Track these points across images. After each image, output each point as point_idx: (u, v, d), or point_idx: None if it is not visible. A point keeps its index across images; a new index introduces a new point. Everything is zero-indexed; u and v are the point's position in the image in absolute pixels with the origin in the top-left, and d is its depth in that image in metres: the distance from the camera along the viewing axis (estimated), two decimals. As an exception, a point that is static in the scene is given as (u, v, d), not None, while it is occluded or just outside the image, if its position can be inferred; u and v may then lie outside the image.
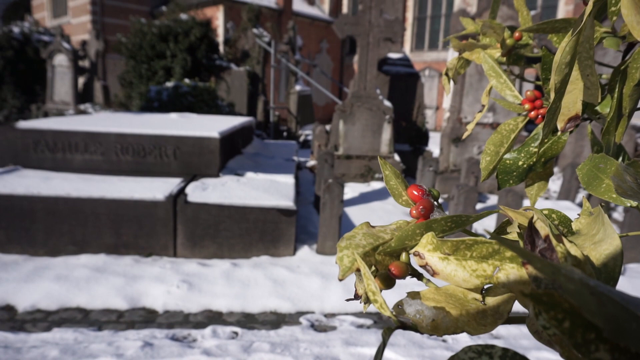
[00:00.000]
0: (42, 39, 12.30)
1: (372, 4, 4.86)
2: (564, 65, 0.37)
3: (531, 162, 0.57)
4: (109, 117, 5.28)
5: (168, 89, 7.91)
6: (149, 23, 9.36)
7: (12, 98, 12.12)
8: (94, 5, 17.23)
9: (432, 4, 18.03)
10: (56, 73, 11.13)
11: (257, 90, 9.84)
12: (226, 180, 3.84)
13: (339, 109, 5.09)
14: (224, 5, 16.00)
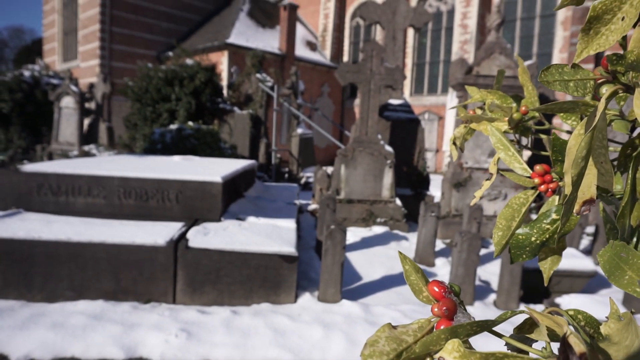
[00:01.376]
0: (52, 82, 12.62)
1: (373, 53, 5.01)
2: (580, 159, 0.37)
3: (544, 239, 0.57)
4: (113, 159, 5.34)
5: (172, 131, 8.02)
6: (156, 68, 9.62)
7: (18, 139, 12.30)
8: (103, 50, 17.79)
9: (430, 51, 18.60)
10: (62, 115, 11.34)
11: (260, 133, 9.99)
12: (228, 224, 3.83)
13: (340, 153, 5.15)
14: (229, 50, 16.51)
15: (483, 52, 5.27)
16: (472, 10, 16.27)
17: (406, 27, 5.95)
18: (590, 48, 0.48)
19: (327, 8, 21.07)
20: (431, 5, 18.33)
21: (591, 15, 0.46)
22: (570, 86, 0.37)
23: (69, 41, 21.04)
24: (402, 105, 6.08)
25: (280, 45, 17.95)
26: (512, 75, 5.25)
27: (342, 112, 21.08)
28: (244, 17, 18.57)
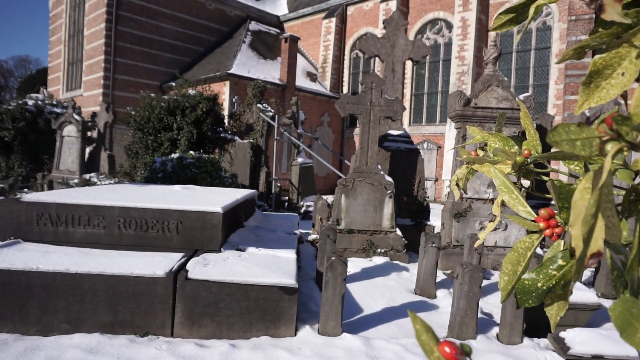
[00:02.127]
0: (55, 111, 12.78)
1: (372, 85, 5.10)
2: (590, 217, 0.38)
3: (550, 285, 0.57)
4: (113, 189, 5.34)
5: (173, 160, 8.06)
6: (158, 97, 9.77)
7: (19, 166, 12.35)
8: (107, 79, 18.09)
9: (428, 82, 18.92)
10: (64, 143, 11.43)
11: (260, 162, 10.04)
12: (228, 255, 3.80)
13: (341, 183, 5.17)
14: (230, 80, 16.79)
15: (481, 84, 5.37)
16: (468, 43, 16.64)
17: (405, 60, 6.07)
18: (591, 100, 0.49)
19: (327, 40, 21.55)
20: (429, 38, 18.75)
21: (592, 70, 0.47)
22: (577, 145, 0.38)
23: (73, 71, 21.41)
24: (401, 136, 6.14)
25: (281, 75, 18.27)
26: (509, 107, 5.33)
27: (341, 141, 21.25)
28: (246, 49, 18.97)
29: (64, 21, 21.93)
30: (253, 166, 9.70)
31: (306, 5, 23.42)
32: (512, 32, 16.62)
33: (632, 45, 0.44)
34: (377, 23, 19.94)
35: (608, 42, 0.45)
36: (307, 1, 23.82)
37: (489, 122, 5.39)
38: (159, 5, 19.57)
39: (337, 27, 21.39)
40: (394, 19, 6.13)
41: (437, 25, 18.64)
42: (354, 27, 21.41)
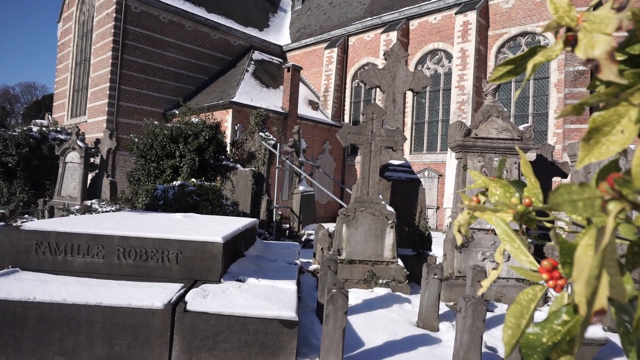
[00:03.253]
0: (59, 137, 12.89)
1: (373, 115, 5.15)
2: (593, 279, 0.37)
3: (556, 340, 0.56)
4: (114, 216, 5.33)
5: (174, 187, 8.07)
6: (162, 125, 9.86)
7: (21, 192, 12.38)
8: (111, 106, 18.32)
9: (429, 111, 19.12)
10: (67, 169, 11.49)
11: (262, 190, 10.04)
12: (227, 286, 3.76)
13: (342, 213, 5.15)
14: (233, 108, 16.99)
15: (481, 115, 5.42)
16: (468, 73, 16.90)
17: (405, 90, 6.16)
18: (591, 156, 0.49)
19: (329, 70, 21.91)
20: (429, 68, 19.06)
21: (591, 127, 0.48)
22: (579, 206, 0.38)
23: (78, 98, 21.72)
24: (402, 166, 6.15)
25: (284, 104, 18.49)
26: (509, 138, 5.36)
27: (343, 168, 21.32)
28: (249, 78, 19.28)
29: (72, 49, 22.40)
30: (254, 194, 9.70)
31: (308, 36, 23.93)
32: (511, 63, 16.89)
33: (631, 103, 0.45)
34: (378, 53, 20.32)
35: (606, 100, 0.45)
36: (309, 32, 24.35)
37: (489, 152, 5.41)
38: (165, 35, 20.01)
39: (339, 56, 21.79)
40: (394, 51, 6.25)
41: (436, 56, 18.97)
42: (355, 57, 21.80)
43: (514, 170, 5.43)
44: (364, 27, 21.28)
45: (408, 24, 19.71)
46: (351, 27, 21.74)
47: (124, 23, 18.61)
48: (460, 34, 17.23)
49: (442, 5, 18.44)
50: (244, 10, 24.45)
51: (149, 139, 9.77)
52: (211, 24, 21.68)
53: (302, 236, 10.15)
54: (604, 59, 0.42)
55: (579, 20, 0.47)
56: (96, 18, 20.06)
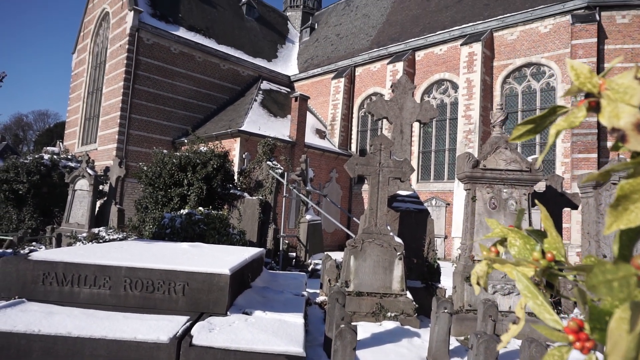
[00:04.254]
0: (69, 165, 13.04)
1: (381, 146, 5.17)
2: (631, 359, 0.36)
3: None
4: (121, 246, 5.32)
5: (182, 216, 8.08)
6: (170, 154, 9.96)
7: (30, 219, 12.45)
8: (121, 135, 18.59)
9: (435, 140, 19.19)
10: (76, 196, 11.57)
11: (269, 219, 10.03)
12: (234, 319, 3.70)
13: (350, 244, 5.11)
14: (241, 137, 17.17)
15: (489, 146, 5.42)
16: (474, 103, 17.02)
17: (413, 122, 6.20)
18: (620, 222, 0.48)
19: (336, 99, 22.19)
20: (435, 98, 19.24)
21: (619, 194, 0.47)
22: (614, 287, 0.37)
23: (89, 126, 22.10)
24: (410, 196, 6.13)
25: (291, 133, 18.67)
26: (518, 169, 5.35)
27: (349, 197, 21.30)
28: (257, 107, 19.56)
29: (85, 79, 22.94)
30: (261, 223, 9.68)
31: (316, 66, 24.37)
32: (517, 93, 17.03)
33: (659, 171, 0.44)
34: (385, 83, 20.59)
35: (634, 168, 0.45)
36: (317, 62, 24.81)
37: (498, 183, 5.39)
38: (176, 65, 20.47)
39: (346, 86, 22.10)
40: (401, 83, 6.33)
41: (442, 86, 19.18)
42: (362, 87, 22.10)
43: (524, 202, 5.39)
44: (371, 58, 21.65)
45: (414, 55, 20.03)
46: (358, 58, 22.13)
47: (136, 54, 19.09)
48: (466, 65, 17.46)
49: (447, 37, 18.77)
50: (253, 42, 25.03)
51: (158, 168, 9.85)
52: (221, 55, 22.18)
53: (309, 265, 10.06)
54: (630, 129, 0.42)
55: (601, 87, 0.47)
56: (109, 49, 20.61)
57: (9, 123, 63.56)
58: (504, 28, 17.33)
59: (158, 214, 9.69)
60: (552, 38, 16.12)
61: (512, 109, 16.95)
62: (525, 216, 5.36)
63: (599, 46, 14.76)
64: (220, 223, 8.24)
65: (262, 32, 26.57)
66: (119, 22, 20.08)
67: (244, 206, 9.64)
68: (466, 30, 18.15)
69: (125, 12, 19.59)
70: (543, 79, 16.41)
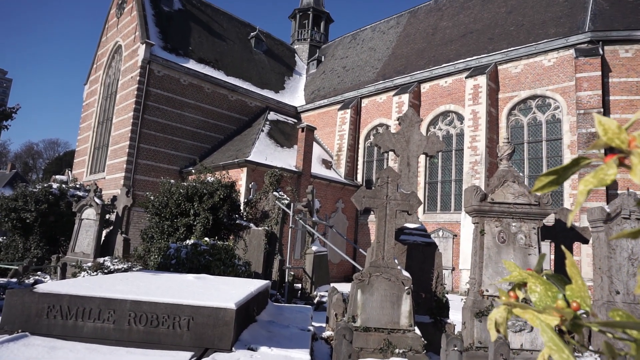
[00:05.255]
0: (77, 194, 13.13)
1: (388, 179, 5.17)
2: None
3: None
4: (127, 278, 5.28)
5: (187, 246, 8.04)
6: (177, 184, 10.01)
7: (36, 248, 12.44)
8: (129, 164, 18.78)
9: (442, 170, 19.19)
10: (82, 225, 11.59)
11: (274, 250, 9.95)
12: (239, 356, 3.62)
13: (357, 278, 5.04)
14: (248, 167, 17.27)
15: (496, 179, 5.41)
16: (480, 134, 17.10)
17: (420, 154, 6.22)
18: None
19: (342, 130, 22.40)
20: (441, 129, 19.37)
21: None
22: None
23: (98, 155, 22.37)
24: (418, 229, 6.08)
25: (297, 163, 18.77)
26: (526, 203, 5.31)
27: (356, 227, 21.17)
28: (264, 137, 19.76)
29: (95, 109, 23.39)
30: (267, 254, 9.61)
31: (323, 98, 24.73)
32: (522, 125, 17.11)
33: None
34: (391, 114, 20.79)
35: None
36: (323, 94, 25.19)
37: (506, 217, 5.34)
38: (185, 96, 20.86)
39: (352, 117, 22.33)
40: (408, 116, 6.39)
41: (448, 117, 19.33)
42: (368, 118, 22.32)
43: (533, 236, 5.32)
44: (377, 90, 21.96)
45: (419, 87, 20.30)
46: (364, 90, 22.45)
47: (147, 85, 19.50)
48: (471, 97, 17.63)
49: (452, 70, 19.05)
50: (261, 74, 25.53)
51: (165, 197, 9.89)
52: (229, 87, 22.60)
53: (315, 298, 9.91)
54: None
55: (630, 143, 0.46)
56: (121, 81, 21.08)
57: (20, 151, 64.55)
58: (508, 61, 17.58)
59: (164, 244, 9.65)
60: (556, 71, 16.31)
61: (518, 140, 16.99)
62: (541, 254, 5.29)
63: (604, 79, 14.89)
64: (226, 254, 8.19)
65: (270, 64, 27.13)
66: (131, 55, 20.62)
67: (250, 237, 9.60)
68: (471, 64, 18.43)
69: (137, 45, 20.15)
70: (548, 111, 16.50)
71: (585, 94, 14.85)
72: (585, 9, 16.49)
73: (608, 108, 14.84)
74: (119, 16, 23.13)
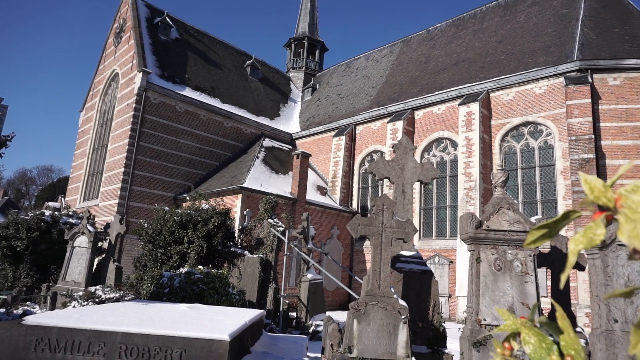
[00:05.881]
0: (70, 222, 12.99)
1: (384, 207, 5.17)
2: None
3: None
4: (118, 308, 5.19)
5: (181, 275, 7.94)
6: (172, 211, 9.95)
7: (26, 277, 12.22)
8: (123, 191, 18.69)
9: (436, 197, 19.23)
10: (74, 253, 11.43)
11: (269, 277, 9.84)
12: (232, 390, 3.53)
13: (353, 307, 4.97)
14: (243, 194, 17.24)
15: (491, 207, 5.42)
16: (474, 160, 17.23)
17: (414, 181, 6.25)
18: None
19: (337, 156, 22.52)
20: (435, 155, 19.52)
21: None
22: None
23: (92, 182, 22.28)
24: (414, 257, 6.05)
25: (292, 189, 18.77)
26: (522, 230, 5.31)
27: (351, 254, 21.02)
28: (259, 164, 19.81)
29: (91, 136, 23.43)
30: (261, 282, 9.49)
31: (317, 124, 24.95)
32: (516, 151, 17.29)
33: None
34: (385, 141, 20.97)
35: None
36: (318, 120, 25.43)
37: (502, 244, 5.33)
38: (180, 123, 20.97)
39: (347, 144, 22.49)
40: (402, 143, 6.45)
41: (442, 144, 19.52)
42: (363, 145, 22.49)
43: (529, 263, 5.31)
44: (371, 117, 22.21)
45: (413, 114, 20.55)
46: (358, 117, 22.70)
47: (143, 112, 19.62)
48: (465, 124, 17.86)
49: (445, 97, 19.36)
50: (256, 101, 25.81)
51: (159, 225, 9.82)
52: (225, 114, 22.78)
53: (310, 327, 9.74)
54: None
55: (616, 202, 0.47)
56: (117, 108, 21.22)
57: (13, 178, 64.17)
58: (500, 89, 17.91)
59: (157, 272, 9.53)
60: (547, 98, 16.61)
61: (511, 166, 17.14)
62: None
63: (594, 106, 15.16)
64: (219, 282, 8.08)
65: (266, 92, 27.46)
66: (128, 83, 20.82)
67: (244, 264, 9.49)
68: (463, 91, 18.74)
69: (134, 73, 20.37)
70: (541, 137, 16.72)
71: (576, 121, 15.08)
72: (573, 38, 16.93)
73: (599, 134, 15.06)
74: (117, 45, 23.46)
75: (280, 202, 16.74)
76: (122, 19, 23.70)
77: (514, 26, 20.47)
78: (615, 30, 16.58)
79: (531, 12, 20.36)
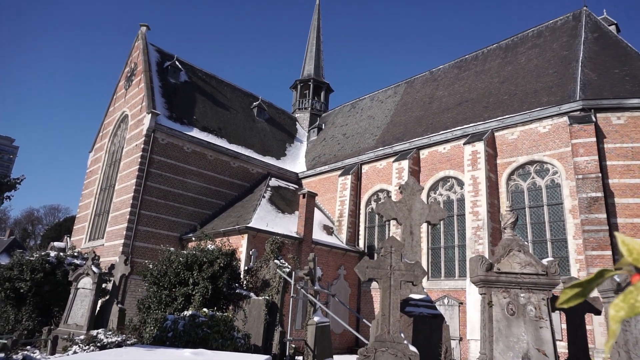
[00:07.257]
0: (74, 262, 12.91)
1: (392, 249, 5.10)
2: None
3: None
4: (120, 354, 5.05)
5: (185, 318, 7.78)
6: (177, 252, 9.87)
7: (27, 319, 12.01)
8: (129, 231, 18.66)
9: (444, 236, 19.01)
10: (78, 295, 11.28)
11: (275, 320, 9.61)
12: None
13: (362, 353, 4.81)
14: (249, 234, 17.14)
15: (502, 249, 5.33)
16: (481, 199, 17.14)
17: (422, 223, 6.19)
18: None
19: (343, 196, 22.51)
20: (441, 194, 19.45)
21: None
22: None
23: (98, 221, 22.30)
24: (424, 300, 5.90)
25: (299, 229, 18.66)
26: (534, 273, 5.19)
27: (358, 295, 20.60)
28: (265, 203, 19.81)
29: (99, 176, 23.67)
30: (267, 325, 9.26)
31: (323, 164, 25.12)
32: (523, 189, 17.21)
33: None
34: (391, 180, 20.99)
35: None
36: (324, 160, 25.62)
37: (514, 287, 5.20)
38: (188, 163, 21.19)
39: (353, 183, 22.53)
40: (409, 184, 6.44)
41: (448, 182, 19.49)
42: (369, 184, 22.51)
43: (543, 307, 5.15)
44: (377, 156, 22.35)
45: (419, 153, 20.67)
46: (364, 156, 22.85)
47: (151, 153, 19.89)
48: (470, 163, 17.89)
49: (450, 137, 19.50)
50: (263, 141, 26.15)
51: (164, 266, 9.72)
52: (232, 154, 23.04)
53: (317, 373, 9.40)
54: None
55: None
56: (125, 148, 21.54)
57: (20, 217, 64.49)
58: (504, 128, 18.04)
59: (160, 315, 9.35)
60: (552, 137, 16.68)
61: (519, 205, 17.00)
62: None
63: (599, 145, 15.19)
64: (224, 326, 7.90)
65: (272, 132, 27.86)
66: (137, 124, 21.23)
67: (250, 307, 9.30)
68: (468, 130, 18.90)
69: (143, 114, 20.81)
70: (547, 176, 16.67)
71: (582, 159, 15.07)
72: (575, 79, 17.19)
73: (606, 173, 15.00)
74: (127, 88, 24.11)
75: (286, 242, 16.62)
76: (133, 63, 24.46)
77: (516, 67, 20.87)
78: (616, 71, 16.84)
79: (532, 54, 20.81)
